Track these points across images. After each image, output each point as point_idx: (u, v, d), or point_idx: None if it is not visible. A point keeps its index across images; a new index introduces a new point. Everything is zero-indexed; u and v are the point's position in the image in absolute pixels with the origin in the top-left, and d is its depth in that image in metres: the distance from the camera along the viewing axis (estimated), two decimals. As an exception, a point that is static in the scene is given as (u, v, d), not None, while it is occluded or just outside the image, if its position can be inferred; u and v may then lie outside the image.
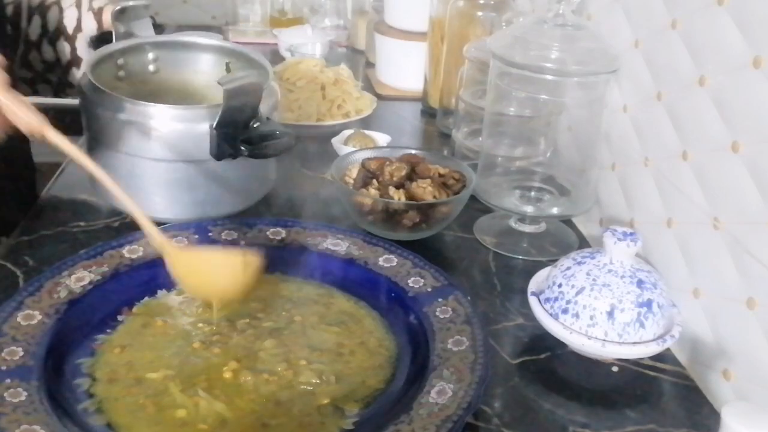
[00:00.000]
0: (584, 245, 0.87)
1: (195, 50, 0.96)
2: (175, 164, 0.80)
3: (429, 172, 0.85)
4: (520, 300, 0.74)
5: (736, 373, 0.62)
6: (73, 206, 0.87)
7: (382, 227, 0.82)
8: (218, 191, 0.82)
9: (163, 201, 0.81)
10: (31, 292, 0.64)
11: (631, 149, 0.80)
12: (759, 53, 0.59)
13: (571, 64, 0.78)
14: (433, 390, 0.56)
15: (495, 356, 0.66)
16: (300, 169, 1.02)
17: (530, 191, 0.89)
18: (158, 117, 0.78)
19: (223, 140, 0.76)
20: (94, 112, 0.80)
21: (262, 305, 0.68)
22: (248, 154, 0.76)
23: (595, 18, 0.90)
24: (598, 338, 0.63)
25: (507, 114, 0.93)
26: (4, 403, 0.52)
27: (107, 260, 0.69)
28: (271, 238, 0.76)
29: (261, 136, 0.77)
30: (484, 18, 1.10)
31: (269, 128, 0.77)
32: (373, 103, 1.25)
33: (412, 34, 1.32)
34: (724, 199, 0.64)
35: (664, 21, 0.73)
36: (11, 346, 0.57)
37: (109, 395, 0.57)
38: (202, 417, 0.55)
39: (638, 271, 0.64)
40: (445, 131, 1.16)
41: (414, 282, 0.70)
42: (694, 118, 0.68)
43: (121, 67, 0.93)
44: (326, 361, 0.62)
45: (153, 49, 0.95)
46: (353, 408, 0.57)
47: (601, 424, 0.60)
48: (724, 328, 0.64)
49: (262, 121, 0.78)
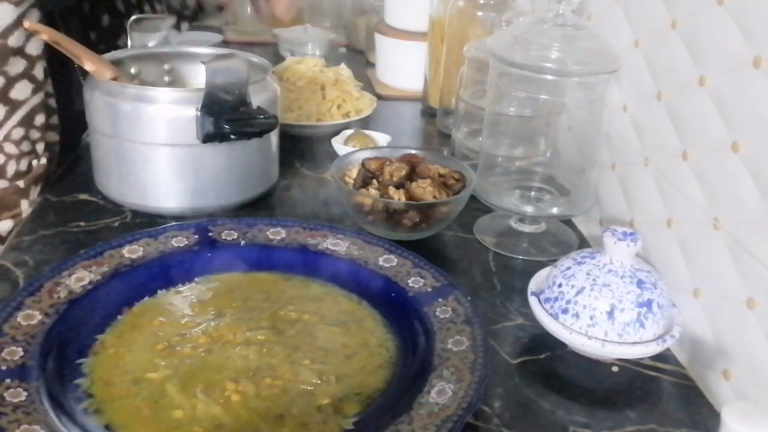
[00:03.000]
0: (584, 245, 0.87)
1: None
2: (165, 148, 0.82)
3: (429, 172, 0.85)
4: (520, 300, 0.74)
5: (736, 373, 0.62)
6: (73, 206, 0.87)
7: (382, 227, 0.82)
8: (212, 180, 0.84)
9: (156, 189, 0.84)
10: (31, 292, 0.63)
11: (631, 149, 0.80)
12: (759, 53, 0.59)
13: (571, 64, 0.78)
14: (433, 390, 0.56)
15: (495, 356, 0.66)
16: (300, 169, 1.02)
17: (530, 191, 0.89)
18: (148, 100, 0.81)
19: (209, 123, 0.79)
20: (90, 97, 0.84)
21: (262, 305, 0.68)
22: (230, 132, 0.79)
23: (595, 18, 0.90)
24: (598, 338, 0.63)
25: (507, 114, 0.93)
26: (4, 403, 0.52)
27: (107, 260, 0.69)
28: (271, 238, 0.76)
29: (245, 118, 0.80)
30: (484, 18, 1.10)
31: (255, 112, 0.81)
32: (373, 103, 1.25)
33: (412, 34, 1.32)
34: (724, 199, 0.64)
35: (664, 21, 0.73)
36: (11, 346, 0.57)
37: (108, 395, 0.57)
38: (197, 419, 0.55)
39: (638, 271, 0.64)
40: (445, 131, 1.16)
41: (414, 282, 0.70)
42: (694, 118, 0.68)
43: (135, 76, 0.94)
44: (326, 361, 0.62)
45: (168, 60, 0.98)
46: (353, 408, 0.57)
47: (601, 424, 0.60)
48: (724, 328, 0.64)
49: (250, 108, 0.81)
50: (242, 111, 0.80)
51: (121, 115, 0.81)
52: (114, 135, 0.82)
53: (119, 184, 0.85)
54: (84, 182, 0.91)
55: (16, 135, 0.88)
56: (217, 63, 0.79)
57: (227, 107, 0.79)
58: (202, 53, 0.98)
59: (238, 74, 0.79)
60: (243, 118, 0.80)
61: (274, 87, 0.90)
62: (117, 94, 0.82)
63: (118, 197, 0.87)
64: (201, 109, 0.79)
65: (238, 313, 0.67)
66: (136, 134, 0.81)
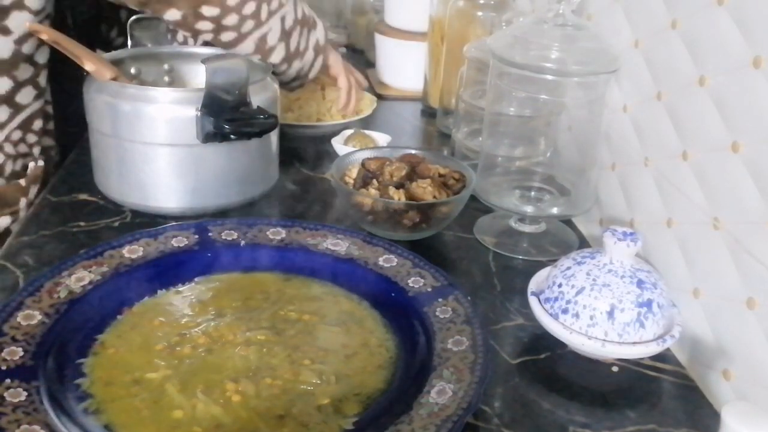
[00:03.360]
0: (584, 245, 0.87)
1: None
2: (165, 148, 0.82)
3: (429, 172, 0.85)
4: (520, 300, 0.74)
5: (736, 373, 0.62)
6: (73, 206, 0.87)
7: (382, 227, 0.82)
8: (212, 180, 0.85)
9: (156, 189, 0.84)
10: (31, 292, 0.63)
11: (631, 149, 0.80)
12: (759, 53, 0.59)
13: (571, 64, 0.78)
14: (433, 390, 0.56)
15: (495, 356, 0.66)
16: (300, 169, 1.02)
17: (530, 191, 0.89)
18: (148, 100, 0.81)
19: (209, 123, 0.79)
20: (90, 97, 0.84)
21: (262, 305, 0.68)
22: (230, 132, 0.79)
23: (595, 18, 0.90)
24: (598, 338, 0.63)
25: (507, 114, 0.93)
26: (4, 403, 0.52)
27: (107, 260, 0.69)
28: (271, 238, 0.76)
29: (245, 118, 0.80)
30: (484, 18, 1.10)
31: (255, 112, 0.81)
32: (373, 103, 1.25)
33: (412, 34, 1.32)
34: (724, 199, 0.64)
35: (664, 21, 0.73)
36: (11, 346, 0.57)
37: (108, 395, 0.57)
38: (197, 419, 0.55)
39: (638, 271, 0.64)
40: (445, 131, 1.16)
41: (414, 282, 0.70)
42: (694, 118, 0.68)
43: (135, 76, 0.94)
44: (326, 361, 0.62)
45: (168, 60, 0.98)
46: (353, 408, 0.57)
47: (601, 424, 0.60)
48: (724, 328, 0.64)
49: (250, 108, 0.81)
50: (242, 111, 0.80)
51: (121, 115, 0.81)
52: (114, 135, 0.82)
53: (119, 184, 0.85)
54: (84, 182, 0.91)
55: (15, 137, 0.90)
56: (217, 63, 0.79)
57: (227, 107, 0.80)
58: (202, 53, 0.98)
59: (238, 74, 0.80)
60: (243, 118, 0.80)
61: (274, 87, 0.90)
62: (117, 94, 0.82)
63: (118, 197, 0.87)
64: (201, 109, 0.79)
65: (238, 313, 0.67)
66: (136, 134, 0.81)
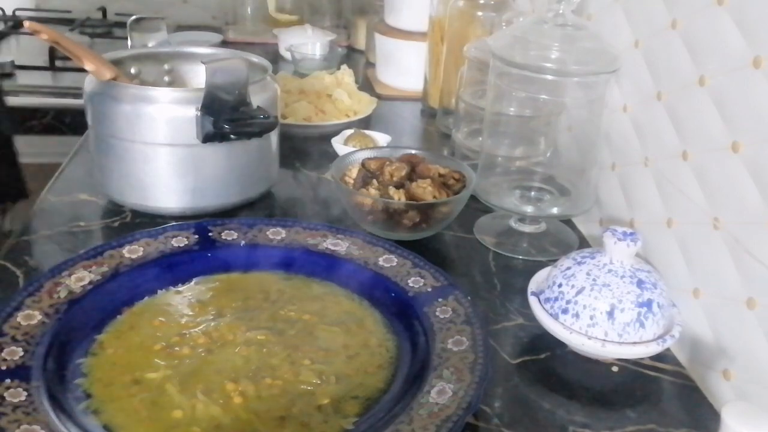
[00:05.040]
0: (584, 245, 0.87)
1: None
2: (165, 148, 0.82)
3: (429, 172, 0.85)
4: (520, 300, 0.74)
5: (736, 373, 0.62)
6: (73, 206, 0.87)
7: (382, 227, 0.82)
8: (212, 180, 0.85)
9: (156, 189, 0.84)
10: (31, 292, 0.63)
11: (631, 149, 0.80)
12: (759, 53, 0.59)
13: (571, 64, 0.78)
14: (433, 390, 0.56)
15: (495, 356, 0.66)
16: (300, 169, 1.02)
17: (530, 191, 0.89)
18: (148, 100, 0.81)
19: (209, 123, 0.79)
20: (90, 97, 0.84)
21: (262, 305, 0.68)
22: (230, 132, 0.79)
23: (595, 18, 0.90)
24: (598, 338, 0.63)
25: (507, 114, 0.93)
26: (4, 403, 0.52)
27: (107, 260, 0.69)
28: (271, 238, 0.76)
29: (245, 118, 0.80)
30: (484, 18, 1.10)
31: (255, 112, 0.81)
32: (373, 103, 1.25)
33: (412, 34, 1.32)
34: (724, 199, 0.64)
35: (664, 21, 0.73)
36: (11, 346, 0.57)
37: (108, 395, 0.57)
38: (197, 420, 0.55)
39: (638, 271, 0.64)
40: (445, 131, 1.16)
41: (414, 282, 0.70)
42: (694, 118, 0.68)
43: (135, 76, 0.94)
44: (326, 361, 0.62)
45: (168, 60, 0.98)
46: (353, 408, 0.57)
47: (601, 424, 0.60)
48: (724, 328, 0.64)
49: (250, 108, 0.81)
50: (242, 111, 0.80)
51: (121, 115, 0.81)
52: (114, 135, 0.82)
53: (119, 184, 0.85)
54: (84, 182, 0.91)
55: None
56: (217, 63, 0.79)
57: (227, 107, 0.80)
58: (202, 53, 0.98)
59: (238, 74, 0.80)
60: (243, 118, 0.80)
61: (274, 87, 0.89)
62: (117, 94, 0.82)
63: (118, 197, 0.87)
64: (201, 109, 0.79)
65: (238, 313, 0.67)
66: (136, 134, 0.81)
